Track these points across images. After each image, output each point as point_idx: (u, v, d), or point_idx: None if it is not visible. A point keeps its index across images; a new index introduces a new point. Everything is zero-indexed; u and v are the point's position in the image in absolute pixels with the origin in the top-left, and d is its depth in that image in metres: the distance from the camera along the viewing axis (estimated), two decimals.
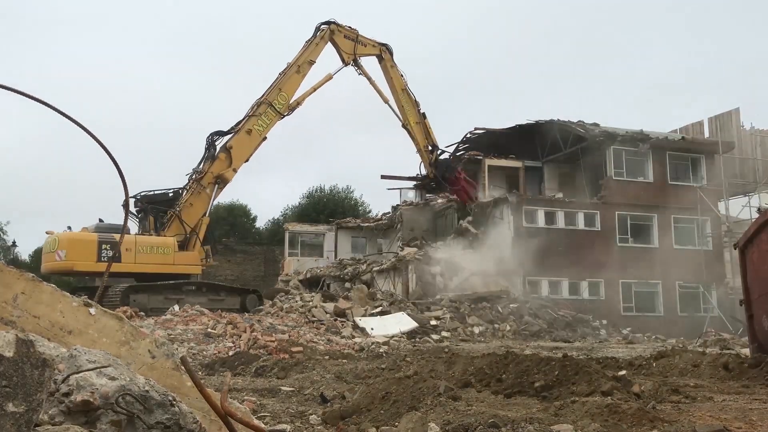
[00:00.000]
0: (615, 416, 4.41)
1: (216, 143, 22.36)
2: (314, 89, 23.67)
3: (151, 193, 22.06)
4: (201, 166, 22.12)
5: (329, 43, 23.89)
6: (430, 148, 25.87)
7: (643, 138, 30.15)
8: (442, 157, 33.66)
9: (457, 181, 27.15)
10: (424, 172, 26.79)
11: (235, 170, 22.32)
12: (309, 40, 23.52)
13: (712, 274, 29.70)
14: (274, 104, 22.64)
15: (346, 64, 24.09)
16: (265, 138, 22.79)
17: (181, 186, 22.35)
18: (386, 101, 24.85)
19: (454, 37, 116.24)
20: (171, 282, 20.18)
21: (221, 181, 22.11)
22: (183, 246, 21.35)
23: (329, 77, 23.91)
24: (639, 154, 30.18)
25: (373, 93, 24.82)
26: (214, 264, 24.09)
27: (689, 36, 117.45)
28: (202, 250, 21.97)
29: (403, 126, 25.46)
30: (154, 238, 20.82)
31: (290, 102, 23.03)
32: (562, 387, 5.88)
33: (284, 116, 23.03)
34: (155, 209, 21.65)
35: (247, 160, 22.64)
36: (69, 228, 20.58)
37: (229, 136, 22.38)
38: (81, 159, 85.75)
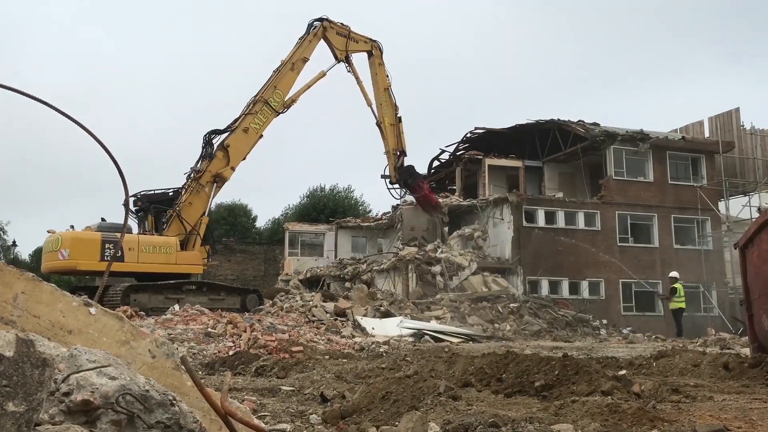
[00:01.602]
0: (615, 416, 4.41)
1: (213, 141, 22.29)
2: (308, 86, 23.67)
3: (151, 192, 22.01)
4: (199, 165, 22.04)
5: (322, 40, 23.91)
6: (398, 152, 25.94)
7: (643, 138, 30.16)
8: (442, 156, 33.72)
9: (419, 189, 27.07)
10: (387, 173, 26.80)
11: (233, 168, 22.27)
12: (302, 37, 23.48)
13: (712, 273, 29.72)
14: (270, 102, 22.62)
15: (338, 60, 24.15)
16: (261, 136, 22.77)
17: (181, 185, 22.28)
18: (369, 104, 25.10)
19: (454, 37, 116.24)
20: (171, 282, 20.13)
21: (219, 180, 22.08)
22: (183, 245, 21.32)
23: (322, 74, 23.92)
24: (639, 154, 30.20)
25: (358, 94, 24.89)
26: (213, 263, 24.11)
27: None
28: (202, 250, 21.92)
29: (377, 124, 25.45)
30: (157, 238, 20.83)
31: (285, 99, 23.06)
32: (562, 386, 5.87)
33: (280, 114, 23.03)
34: (156, 208, 21.63)
35: (244, 158, 22.62)
36: (72, 227, 20.52)
37: (226, 134, 22.32)
38: (82, 158, 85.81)
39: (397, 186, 27.64)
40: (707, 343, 16.32)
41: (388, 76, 25.42)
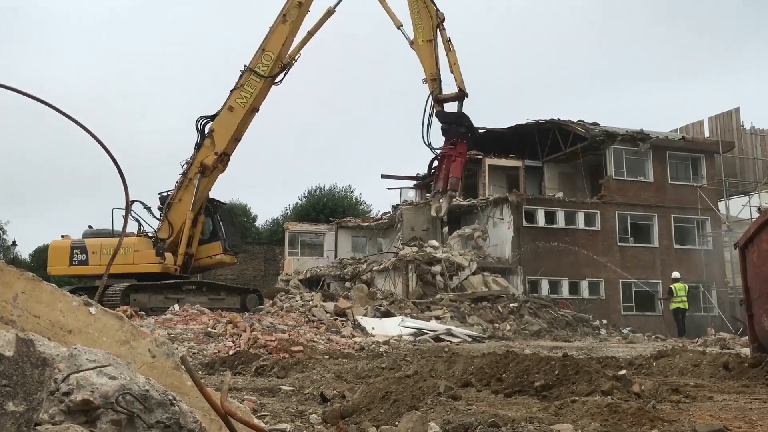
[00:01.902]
0: (615, 416, 4.41)
1: (205, 130, 20.55)
2: (311, 35, 20.11)
3: (167, 193, 21.72)
4: (190, 157, 20.68)
5: None
6: (438, 78, 20.26)
7: (643, 137, 30.16)
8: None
9: (455, 148, 20.77)
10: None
11: (217, 153, 20.03)
12: None
13: (712, 273, 29.73)
14: (257, 69, 19.73)
15: None
16: (255, 110, 20.18)
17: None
18: (399, 25, 20.39)
19: (455, 37, 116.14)
20: (171, 281, 20.29)
21: (205, 169, 20.16)
22: (177, 245, 20.92)
23: (330, 12, 20.09)
24: (639, 154, 30.20)
25: (386, 17, 20.37)
26: (227, 262, 22.59)
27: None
28: (215, 247, 21.44)
29: (411, 45, 20.33)
30: (114, 240, 20.03)
31: (279, 59, 19.74)
32: (562, 386, 5.88)
33: (273, 78, 19.87)
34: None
35: (237, 140, 20.47)
36: (62, 236, 21.76)
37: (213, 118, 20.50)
38: (82, 158, 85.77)
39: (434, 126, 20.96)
40: (707, 343, 16.32)
41: None
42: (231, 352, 11.64)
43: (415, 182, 37.44)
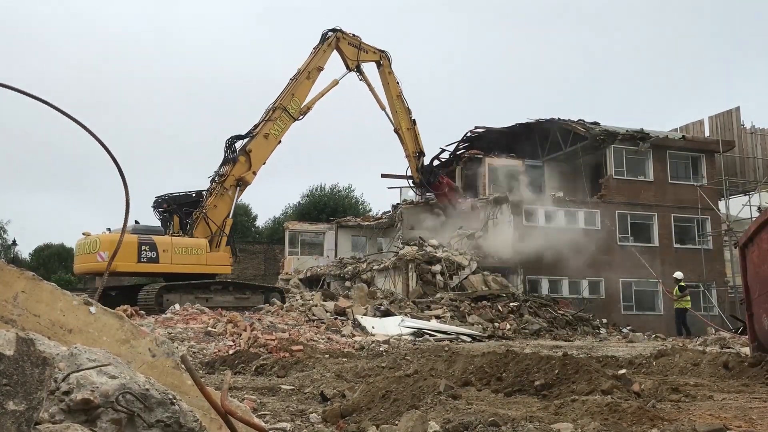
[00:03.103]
0: (615, 415, 4.41)
1: (235, 146, 23.18)
2: (322, 95, 24.66)
3: (176, 194, 22.82)
4: (222, 169, 22.91)
5: (334, 50, 25.03)
6: (417, 153, 27.08)
7: (643, 137, 30.14)
8: (442, 155, 33.75)
9: (440, 186, 28.42)
10: (410, 174, 28.05)
11: (254, 173, 23.19)
12: (316, 46, 24.46)
13: (712, 273, 29.73)
14: (288, 109, 23.58)
15: (349, 70, 25.17)
16: (279, 141, 23.75)
17: (199, 189, 23.18)
18: (383, 108, 25.98)
19: (455, 37, 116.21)
20: (201, 281, 20.69)
21: (242, 184, 23.03)
22: (210, 246, 22.00)
23: (335, 83, 24.93)
24: (639, 153, 30.19)
25: (372, 99, 25.89)
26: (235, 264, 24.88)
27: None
28: (228, 250, 22.70)
29: (395, 131, 26.57)
30: (189, 239, 21.48)
31: (302, 107, 24.06)
32: (562, 386, 5.88)
33: (297, 120, 24.05)
34: (185, 210, 22.33)
35: (264, 163, 23.51)
36: (108, 230, 21.17)
37: (247, 139, 23.20)
38: (83, 158, 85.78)
39: (419, 187, 28.95)
40: (707, 342, 16.32)
41: (398, 83, 26.41)
42: (231, 352, 11.65)
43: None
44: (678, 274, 22.52)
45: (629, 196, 29.79)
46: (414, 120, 26.78)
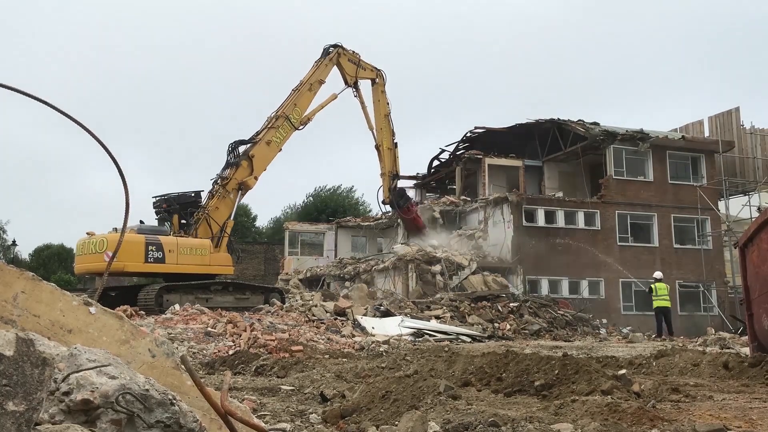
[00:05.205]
0: (615, 415, 4.41)
1: (237, 151, 23.46)
2: (321, 107, 25.11)
3: (175, 194, 22.77)
4: (225, 173, 23.13)
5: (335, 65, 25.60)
6: (392, 175, 27.54)
7: (643, 137, 30.15)
8: (442, 156, 33.77)
9: (409, 212, 28.79)
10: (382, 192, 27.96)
11: (256, 178, 23.49)
12: (318, 60, 24.97)
13: (712, 273, 29.73)
14: (290, 118, 23.97)
15: (347, 85, 25.67)
16: (280, 149, 24.12)
17: (198, 189, 23.26)
18: (371, 128, 26.63)
19: (455, 36, 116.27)
20: (202, 282, 20.64)
21: (244, 188, 23.30)
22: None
23: (334, 96, 25.39)
24: (639, 154, 30.20)
25: (362, 116, 26.50)
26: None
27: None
28: (227, 250, 22.79)
29: (376, 147, 26.92)
30: (194, 240, 21.47)
31: (303, 117, 24.54)
32: (562, 386, 5.88)
33: (298, 129, 24.53)
34: (185, 210, 22.30)
35: (265, 169, 23.81)
36: (115, 229, 20.93)
37: (250, 145, 23.48)
38: (84, 158, 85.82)
39: (389, 206, 29.12)
40: (707, 343, 16.32)
41: (388, 103, 27.03)
42: (231, 352, 11.64)
43: (414, 182, 37.49)
44: (657, 274, 22.58)
45: (629, 197, 29.80)
46: (396, 143, 27.41)
